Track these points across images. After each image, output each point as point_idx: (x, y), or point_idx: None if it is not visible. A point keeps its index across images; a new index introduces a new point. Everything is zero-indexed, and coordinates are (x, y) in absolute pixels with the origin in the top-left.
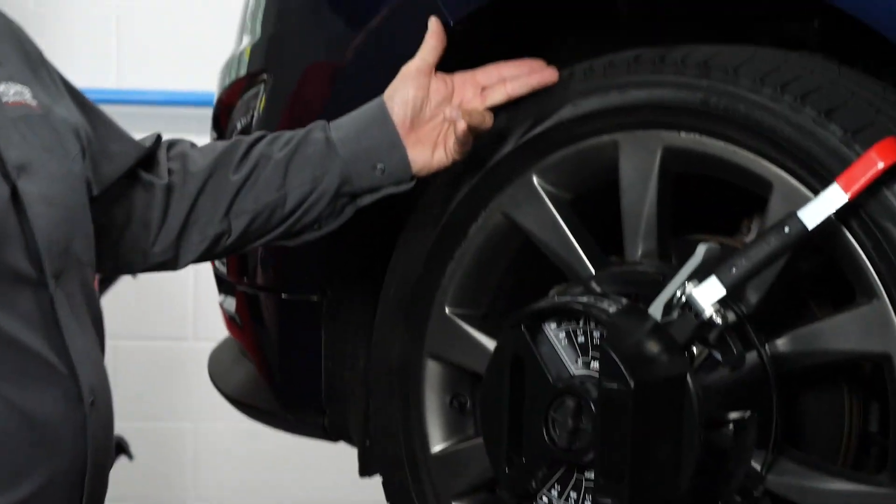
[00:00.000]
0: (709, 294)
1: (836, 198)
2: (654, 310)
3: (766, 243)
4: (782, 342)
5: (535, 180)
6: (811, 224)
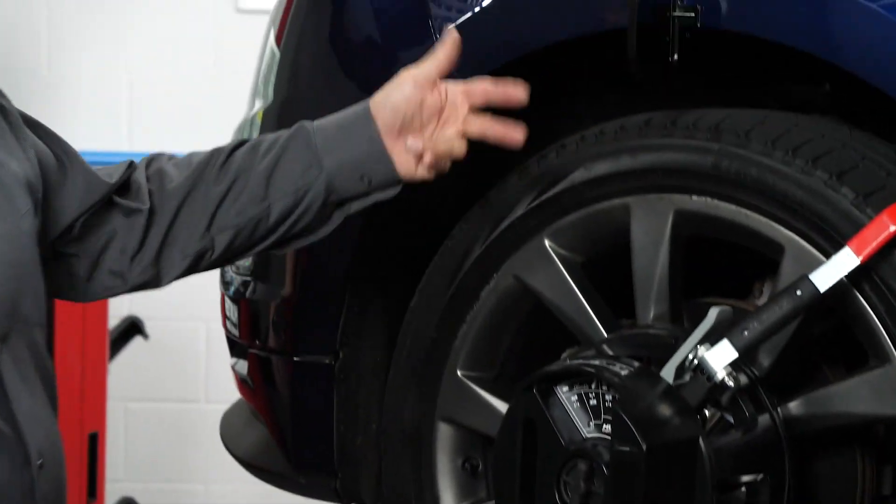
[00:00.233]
0: (721, 357)
1: (848, 261)
2: (667, 373)
3: (779, 306)
4: (795, 405)
5: (546, 243)
6: (823, 287)
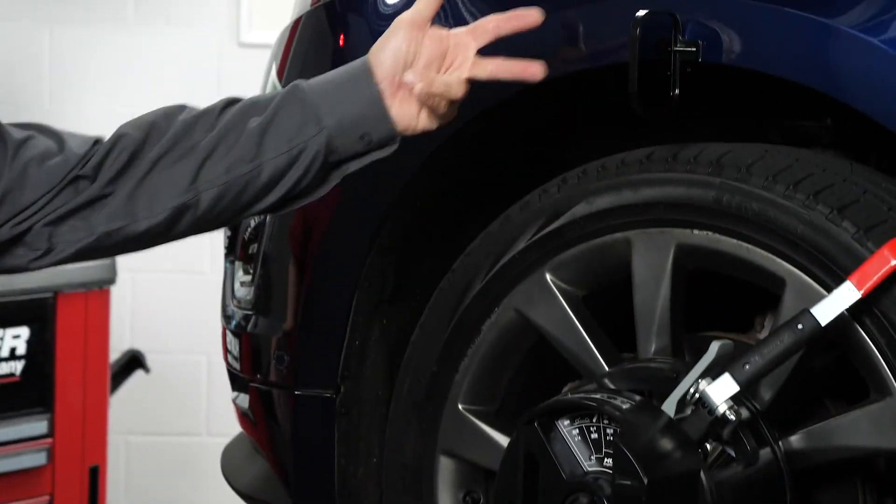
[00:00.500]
0: (722, 391)
1: (849, 295)
2: (668, 406)
3: (780, 340)
4: (796, 439)
5: (548, 277)
6: (824, 321)
